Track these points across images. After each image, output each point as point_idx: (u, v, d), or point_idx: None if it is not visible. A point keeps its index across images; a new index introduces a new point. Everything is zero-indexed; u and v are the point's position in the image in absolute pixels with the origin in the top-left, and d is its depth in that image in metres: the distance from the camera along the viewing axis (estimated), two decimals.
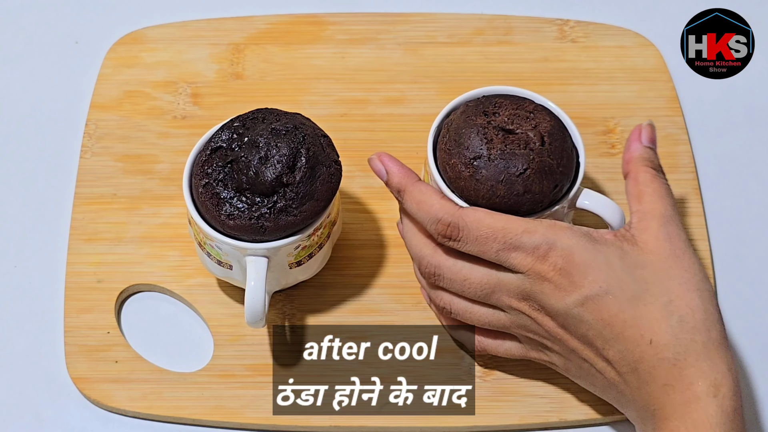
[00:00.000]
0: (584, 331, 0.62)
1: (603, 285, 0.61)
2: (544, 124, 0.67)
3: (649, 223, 0.63)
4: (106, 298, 0.73)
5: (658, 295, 0.61)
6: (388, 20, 0.85)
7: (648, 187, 0.65)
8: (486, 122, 0.67)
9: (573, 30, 0.85)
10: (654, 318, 0.60)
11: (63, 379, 0.71)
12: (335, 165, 0.67)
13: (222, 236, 0.66)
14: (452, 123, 0.68)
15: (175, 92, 0.82)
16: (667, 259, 0.62)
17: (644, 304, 0.61)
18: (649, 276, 0.61)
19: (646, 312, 0.60)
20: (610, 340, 0.61)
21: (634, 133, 0.68)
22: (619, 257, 0.62)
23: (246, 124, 0.67)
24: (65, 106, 0.82)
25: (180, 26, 0.85)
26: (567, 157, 0.67)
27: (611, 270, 0.61)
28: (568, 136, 0.68)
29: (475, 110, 0.68)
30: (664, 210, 0.64)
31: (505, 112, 0.67)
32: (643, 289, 0.61)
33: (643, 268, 0.62)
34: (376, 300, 0.73)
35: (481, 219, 0.63)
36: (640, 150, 0.67)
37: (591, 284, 0.61)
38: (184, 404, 0.70)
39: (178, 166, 0.78)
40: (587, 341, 0.62)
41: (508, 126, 0.67)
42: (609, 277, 0.61)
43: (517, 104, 0.68)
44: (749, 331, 0.74)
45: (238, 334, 0.72)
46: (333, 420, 0.69)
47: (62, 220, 0.77)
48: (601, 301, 0.61)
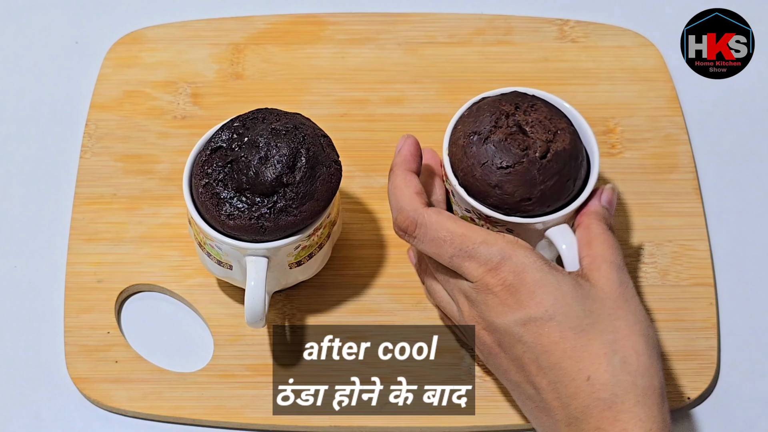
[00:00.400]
0: (519, 353, 0.60)
1: (549, 309, 0.60)
2: (557, 144, 0.66)
3: (600, 265, 0.62)
4: (106, 298, 0.73)
5: (604, 332, 0.59)
6: (388, 20, 0.85)
7: (599, 236, 0.64)
8: (510, 112, 0.67)
9: (573, 30, 0.85)
10: (596, 353, 0.59)
11: (63, 379, 0.71)
12: (335, 165, 0.67)
13: (222, 236, 0.66)
14: (490, 98, 0.68)
15: (175, 92, 0.82)
16: (616, 299, 0.61)
17: (588, 338, 0.59)
18: (598, 311, 0.60)
19: (589, 346, 0.59)
20: (545, 368, 0.59)
21: (596, 194, 0.67)
22: (572, 286, 0.61)
23: (246, 124, 0.67)
24: (65, 106, 0.82)
25: (180, 26, 0.85)
26: (558, 183, 0.65)
27: (561, 296, 0.60)
28: (578, 167, 0.66)
29: (511, 98, 0.68)
30: (614, 258, 0.63)
31: (533, 116, 0.67)
32: (589, 323, 0.59)
33: (593, 302, 0.60)
34: (376, 300, 0.73)
35: (442, 222, 0.63)
36: (596, 206, 0.66)
37: (536, 306, 0.60)
38: (184, 404, 0.70)
39: (178, 166, 0.78)
40: (520, 364, 0.61)
41: (525, 127, 0.66)
42: (557, 302, 0.60)
43: (552, 116, 0.67)
44: (749, 331, 0.74)
45: (238, 334, 0.72)
46: (333, 420, 0.69)
47: (62, 220, 0.77)
48: (544, 325, 0.59)
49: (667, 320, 0.73)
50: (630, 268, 0.75)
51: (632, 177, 0.78)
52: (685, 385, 0.71)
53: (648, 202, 0.77)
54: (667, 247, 0.76)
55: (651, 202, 0.77)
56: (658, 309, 0.73)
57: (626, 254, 0.75)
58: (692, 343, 0.72)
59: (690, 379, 0.71)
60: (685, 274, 0.75)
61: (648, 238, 0.76)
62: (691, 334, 0.72)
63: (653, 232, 0.76)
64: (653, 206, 0.77)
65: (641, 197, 0.78)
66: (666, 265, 0.75)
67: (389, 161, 0.78)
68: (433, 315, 0.72)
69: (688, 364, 0.71)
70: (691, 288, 0.74)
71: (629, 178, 0.78)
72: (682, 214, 0.77)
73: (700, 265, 0.75)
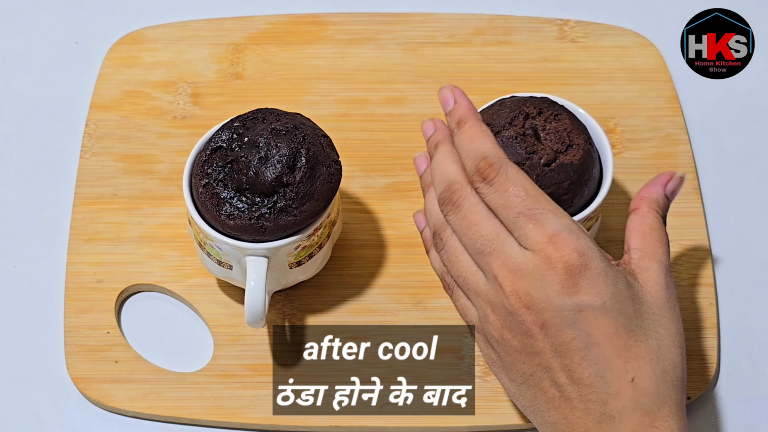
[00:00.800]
0: (567, 339, 0.58)
1: (607, 302, 0.58)
2: (567, 157, 0.65)
3: (650, 264, 0.61)
4: (106, 298, 0.73)
5: (650, 337, 0.58)
6: (388, 20, 0.85)
7: (654, 230, 0.62)
8: (531, 114, 0.66)
9: (573, 30, 0.85)
10: (643, 357, 0.58)
11: (63, 379, 0.71)
12: (335, 165, 0.67)
13: (222, 236, 0.66)
14: (518, 97, 0.68)
15: (175, 92, 0.82)
16: (662, 306, 0.60)
17: (637, 339, 0.58)
18: (645, 314, 0.59)
19: (638, 348, 0.58)
20: (592, 360, 0.57)
21: (662, 177, 0.65)
22: (626, 284, 0.59)
23: (246, 124, 0.67)
24: (65, 106, 0.82)
25: (180, 26, 0.85)
26: (554, 194, 0.65)
27: (617, 291, 0.58)
28: (581, 185, 0.66)
29: (538, 102, 0.67)
30: (664, 258, 0.62)
31: (553, 124, 0.66)
32: (638, 325, 0.58)
33: (642, 305, 0.59)
34: (376, 300, 0.73)
35: (521, 178, 0.60)
36: (659, 194, 0.64)
37: (597, 295, 0.58)
38: (184, 404, 0.70)
39: (178, 166, 0.78)
40: (562, 350, 0.58)
41: (541, 132, 0.66)
42: (614, 296, 0.58)
43: (572, 130, 0.66)
44: (749, 331, 0.74)
45: (238, 334, 0.72)
46: (333, 420, 0.69)
47: (62, 220, 0.77)
48: (600, 316, 0.58)
49: None
50: None
51: (632, 177, 0.78)
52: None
53: None
54: None
55: None
56: None
57: None
58: (692, 343, 0.72)
59: (690, 379, 0.71)
60: (685, 274, 0.75)
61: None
62: (691, 334, 0.72)
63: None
64: None
65: None
66: None
67: (389, 161, 0.78)
68: (433, 315, 0.72)
69: (688, 364, 0.71)
70: (691, 288, 0.74)
71: (629, 178, 0.78)
72: (682, 214, 0.77)
73: (700, 265, 0.75)
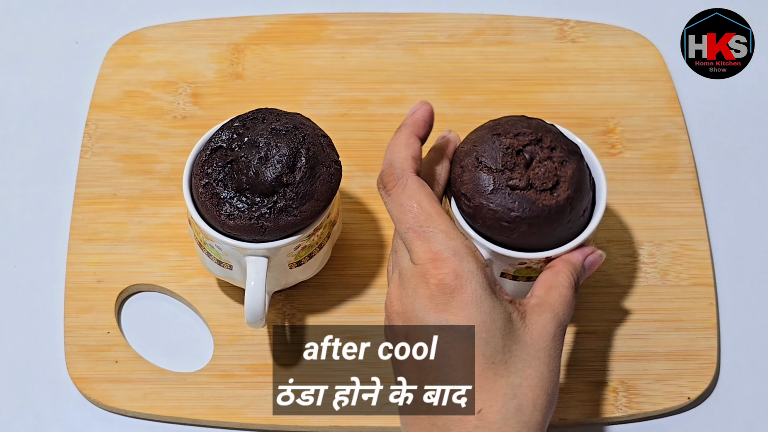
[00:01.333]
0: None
1: (474, 327, 0.57)
2: (557, 194, 0.64)
3: (545, 314, 0.60)
4: (106, 298, 0.73)
5: (512, 374, 0.58)
6: (388, 20, 0.85)
7: (561, 287, 0.62)
8: (527, 140, 0.65)
9: (573, 30, 0.85)
10: (495, 390, 0.57)
11: (63, 379, 0.71)
12: (335, 165, 0.67)
13: (222, 236, 0.66)
14: (548, 124, 0.67)
15: (175, 92, 0.82)
16: (540, 350, 0.59)
17: (495, 372, 0.58)
18: (516, 352, 0.58)
19: (493, 380, 0.57)
20: (442, 381, 0.58)
21: (585, 248, 0.65)
22: (503, 318, 0.58)
23: (246, 124, 0.67)
24: (65, 106, 0.82)
25: (180, 26, 0.85)
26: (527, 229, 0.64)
27: (489, 321, 0.58)
28: (558, 223, 0.65)
29: (535, 127, 0.66)
30: (561, 314, 0.61)
31: (548, 153, 0.65)
32: (502, 359, 0.58)
33: (516, 343, 0.59)
34: (376, 300, 0.73)
35: (419, 193, 0.61)
36: (577, 259, 0.65)
37: (463, 318, 0.58)
38: (183, 404, 0.70)
39: (178, 166, 0.78)
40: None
41: (531, 156, 0.65)
42: (484, 324, 0.58)
43: (563, 161, 0.65)
44: (749, 331, 0.74)
45: (238, 334, 0.72)
46: (333, 420, 0.69)
47: (62, 220, 0.77)
48: (461, 339, 0.57)
49: (667, 320, 0.73)
50: (630, 268, 0.75)
51: (632, 177, 0.78)
52: (685, 385, 0.71)
53: (648, 202, 0.77)
54: (667, 247, 0.76)
55: (651, 202, 0.77)
56: (658, 309, 0.73)
57: (626, 254, 0.75)
58: (692, 343, 0.72)
59: (690, 379, 0.71)
60: (685, 274, 0.75)
61: (648, 238, 0.76)
62: (691, 334, 0.72)
63: (653, 232, 0.76)
64: (653, 206, 0.77)
65: (641, 197, 0.78)
66: (666, 265, 0.75)
67: None
68: None
69: (688, 364, 0.71)
70: (691, 288, 0.74)
71: (629, 178, 0.78)
72: (682, 214, 0.77)
73: (700, 265, 0.75)
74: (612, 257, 0.75)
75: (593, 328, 0.73)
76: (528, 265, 0.65)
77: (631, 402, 0.70)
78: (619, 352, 0.72)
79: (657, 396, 0.70)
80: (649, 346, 0.72)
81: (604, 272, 0.74)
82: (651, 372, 0.71)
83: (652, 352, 0.72)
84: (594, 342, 0.72)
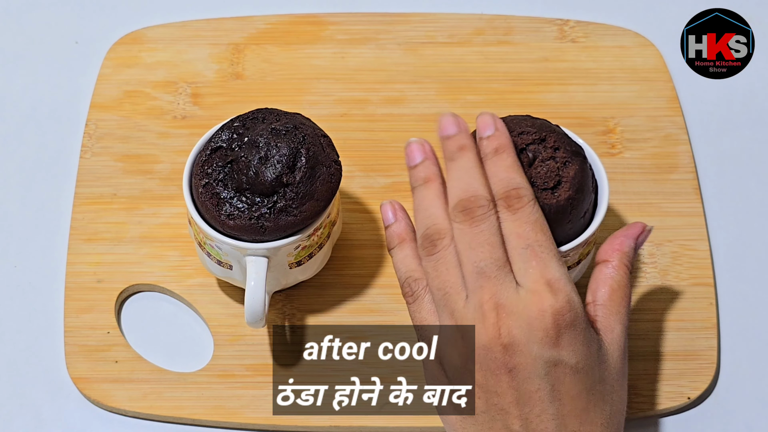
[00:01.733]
0: (532, 389, 0.57)
1: (581, 362, 0.57)
2: (558, 194, 0.64)
3: (615, 325, 0.61)
4: (106, 298, 0.73)
5: (606, 403, 0.58)
6: (388, 20, 0.85)
7: (622, 288, 0.62)
8: (530, 139, 0.65)
9: (573, 30, 0.85)
10: (596, 422, 0.57)
11: (63, 379, 0.71)
12: (335, 165, 0.67)
13: (222, 236, 0.66)
14: (552, 125, 0.67)
15: (175, 92, 0.82)
16: (619, 372, 0.60)
17: (594, 404, 0.58)
18: (607, 379, 0.59)
19: (594, 413, 0.58)
20: (550, 415, 0.57)
21: (634, 228, 0.64)
22: (598, 347, 0.59)
23: (246, 124, 0.67)
24: (65, 106, 0.82)
25: (180, 26, 0.85)
26: None
27: (590, 354, 0.58)
28: (558, 223, 0.64)
29: (539, 126, 0.65)
30: (626, 320, 0.61)
31: (551, 153, 0.64)
32: (599, 390, 0.58)
33: (606, 369, 0.59)
34: (376, 300, 0.73)
35: (541, 219, 0.60)
36: (630, 247, 0.63)
37: (572, 353, 0.57)
38: (183, 404, 0.70)
39: (178, 166, 0.78)
40: (524, 399, 0.57)
41: (533, 155, 0.64)
42: (587, 358, 0.58)
43: (566, 162, 0.64)
44: (749, 331, 0.74)
45: (238, 334, 0.72)
46: (333, 420, 0.69)
47: (62, 220, 0.77)
48: (571, 374, 0.57)
49: (667, 320, 0.73)
50: None
51: (632, 177, 0.78)
52: (685, 385, 0.71)
53: (648, 202, 0.77)
54: (667, 247, 0.76)
55: (651, 202, 0.77)
56: (658, 309, 0.73)
57: None
58: (692, 343, 0.72)
59: (690, 379, 0.71)
60: (685, 274, 0.75)
61: (648, 238, 0.76)
62: (691, 334, 0.72)
63: (653, 232, 0.76)
64: (653, 206, 0.77)
65: (641, 197, 0.78)
66: (666, 265, 0.75)
67: (389, 161, 0.78)
68: None
69: (688, 364, 0.71)
70: (691, 288, 0.74)
71: (629, 178, 0.78)
72: (682, 214, 0.77)
73: (700, 265, 0.75)
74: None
75: None
76: None
77: (631, 402, 0.70)
78: None
79: (657, 396, 0.70)
80: (649, 346, 0.72)
81: None
82: (651, 372, 0.71)
83: (652, 352, 0.72)
84: None
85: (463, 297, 0.59)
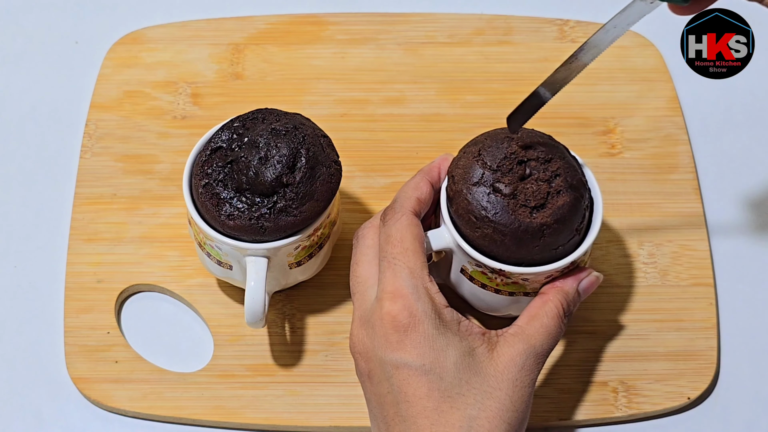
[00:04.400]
0: (383, 392, 0.60)
1: (427, 364, 0.58)
2: (535, 216, 0.63)
3: (517, 345, 0.61)
4: (106, 298, 0.73)
5: (470, 406, 0.58)
6: (388, 20, 0.85)
7: (546, 319, 0.62)
8: (534, 155, 0.64)
9: (573, 30, 0.85)
10: (451, 423, 0.58)
11: (63, 379, 0.71)
12: (335, 165, 0.67)
13: (222, 236, 0.66)
14: (560, 146, 0.66)
15: (175, 92, 0.82)
16: (504, 380, 0.59)
17: (451, 405, 0.58)
18: (475, 384, 0.59)
19: (449, 413, 0.58)
20: (402, 417, 0.58)
21: (581, 272, 0.65)
22: (460, 354, 0.59)
23: (246, 124, 0.67)
24: (65, 106, 0.82)
25: (180, 26, 0.85)
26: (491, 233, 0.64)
27: (443, 358, 0.59)
28: (523, 244, 0.64)
29: (550, 148, 0.65)
30: (538, 345, 0.61)
31: (548, 176, 0.64)
32: (459, 392, 0.58)
33: (476, 376, 0.59)
34: None
35: (407, 231, 0.62)
36: (572, 289, 0.64)
37: (417, 356, 0.59)
38: (184, 404, 0.70)
39: (178, 166, 0.78)
40: (381, 402, 0.60)
41: (530, 172, 0.64)
42: (437, 360, 0.59)
43: (558, 191, 0.64)
44: (749, 331, 0.74)
45: (238, 334, 0.72)
46: (333, 420, 0.69)
47: (62, 220, 0.77)
48: (416, 376, 0.58)
49: (667, 320, 0.73)
50: (630, 268, 0.75)
51: (632, 177, 0.78)
52: (685, 385, 0.71)
53: (648, 202, 0.77)
54: (667, 247, 0.76)
55: (651, 202, 0.77)
56: (658, 309, 0.73)
57: (626, 254, 0.75)
58: (692, 343, 0.72)
59: (690, 379, 0.71)
60: (685, 274, 0.75)
61: (648, 238, 0.76)
62: (691, 334, 0.72)
63: (653, 232, 0.76)
64: (653, 206, 0.77)
65: (641, 197, 0.78)
66: (666, 265, 0.75)
67: (389, 161, 0.78)
68: None
69: (688, 364, 0.71)
70: (691, 288, 0.74)
71: (629, 178, 0.78)
72: (682, 214, 0.77)
73: (700, 265, 0.75)
74: (612, 257, 0.75)
75: (593, 328, 0.73)
76: (483, 270, 0.65)
77: (631, 402, 0.70)
78: (619, 352, 0.72)
79: (657, 396, 0.70)
80: (649, 346, 0.72)
81: (604, 272, 0.74)
82: (651, 372, 0.71)
83: (652, 352, 0.72)
84: (594, 342, 0.72)
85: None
